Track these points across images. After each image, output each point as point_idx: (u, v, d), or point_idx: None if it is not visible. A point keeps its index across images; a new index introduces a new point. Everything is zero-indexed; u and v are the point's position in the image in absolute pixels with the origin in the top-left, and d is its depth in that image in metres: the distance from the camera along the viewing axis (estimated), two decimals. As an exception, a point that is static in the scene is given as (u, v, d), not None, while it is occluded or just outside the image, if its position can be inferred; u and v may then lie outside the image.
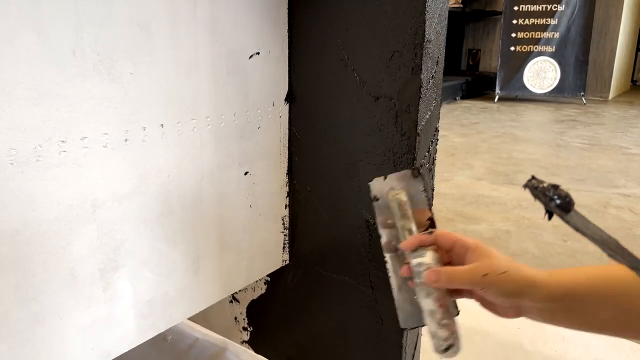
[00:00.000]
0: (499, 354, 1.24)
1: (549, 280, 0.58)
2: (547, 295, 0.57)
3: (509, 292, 0.58)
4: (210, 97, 0.72)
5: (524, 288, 0.57)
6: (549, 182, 0.51)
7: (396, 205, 0.63)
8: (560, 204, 0.50)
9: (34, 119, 0.53)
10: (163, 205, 0.69)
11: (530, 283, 0.58)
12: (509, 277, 0.57)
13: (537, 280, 0.58)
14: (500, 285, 0.58)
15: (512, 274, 0.58)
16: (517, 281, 0.58)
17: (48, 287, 0.57)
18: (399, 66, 0.74)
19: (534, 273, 0.59)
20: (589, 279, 0.58)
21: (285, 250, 0.96)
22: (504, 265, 0.58)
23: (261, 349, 1.10)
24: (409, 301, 0.65)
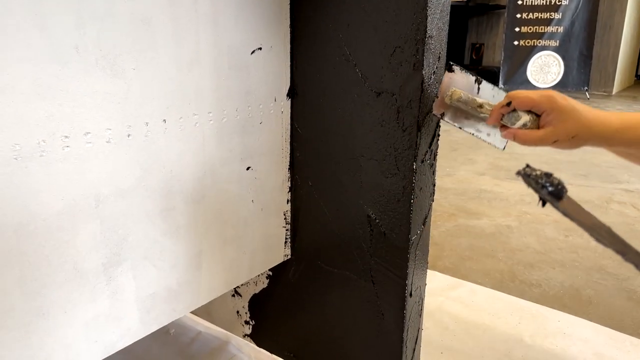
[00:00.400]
0: (500, 348, 1.24)
1: (617, 128, 0.66)
2: (611, 140, 0.66)
3: (578, 146, 0.67)
4: (212, 92, 0.72)
5: (592, 141, 0.66)
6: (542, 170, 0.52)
7: (459, 104, 0.72)
8: (552, 191, 0.52)
9: (38, 114, 0.53)
10: (165, 200, 0.69)
11: (598, 139, 0.66)
12: (578, 140, 0.66)
13: (605, 130, 0.66)
14: (572, 146, 0.67)
15: (580, 136, 0.66)
16: (586, 138, 0.66)
17: (52, 281, 0.58)
18: (400, 62, 0.74)
19: (603, 129, 0.66)
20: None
21: (287, 244, 0.96)
22: (575, 129, 0.66)
23: (263, 343, 1.10)
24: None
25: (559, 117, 0.66)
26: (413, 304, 0.85)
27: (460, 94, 0.71)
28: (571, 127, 0.66)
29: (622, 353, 1.24)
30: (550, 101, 0.66)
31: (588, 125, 0.66)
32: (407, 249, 0.80)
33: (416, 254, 0.82)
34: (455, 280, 1.63)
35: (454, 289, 1.56)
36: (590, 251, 2.06)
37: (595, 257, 1.99)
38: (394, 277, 0.82)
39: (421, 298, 0.88)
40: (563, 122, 0.66)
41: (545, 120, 0.67)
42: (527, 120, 0.66)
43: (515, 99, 0.67)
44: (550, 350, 1.25)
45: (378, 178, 0.81)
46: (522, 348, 1.24)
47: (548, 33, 7.10)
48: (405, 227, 0.79)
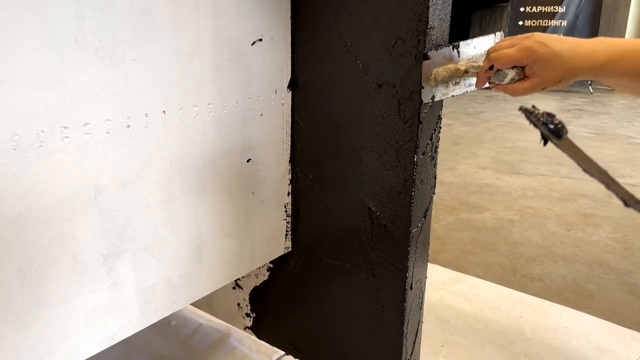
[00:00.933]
0: (501, 342, 1.24)
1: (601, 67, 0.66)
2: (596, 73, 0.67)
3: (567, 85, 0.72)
4: (212, 83, 0.72)
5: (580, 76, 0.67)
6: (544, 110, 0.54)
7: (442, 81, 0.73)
8: (553, 129, 0.53)
9: (37, 104, 0.53)
10: (165, 191, 0.69)
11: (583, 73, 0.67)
12: (565, 81, 0.67)
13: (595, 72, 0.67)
14: (560, 87, 0.69)
15: (567, 78, 0.67)
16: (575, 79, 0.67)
17: (52, 272, 0.58)
18: (402, 53, 0.73)
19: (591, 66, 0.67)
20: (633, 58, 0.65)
21: (287, 237, 0.96)
22: (560, 75, 0.67)
23: (263, 335, 1.11)
24: None
25: (543, 66, 0.66)
26: (413, 297, 0.85)
27: (443, 73, 0.72)
28: (557, 73, 0.66)
29: (623, 347, 1.24)
30: (530, 53, 0.66)
31: (573, 67, 0.66)
32: (407, 241, 0.80)
33: (417, 246, 0.82)
34: (457, 274, 1.62)
35: (455, 282, 1.56)
36: (592, 245, 2.06)
37: (597, 252, 1.99)
38: (394, 270, 0.82)
39: (422, 291, 0.88)
40: (547, 69, 0.66)
41: (530, 71, 0.68)
42: (514, 74, 0.68)
43: (496, 61, 0.68)
44: (551, 344, 1.25)
45: (379, 170, 0.80)
46: (523, 341, 1.24)
47: (552, 27, 7.06)
48: (405, 219, 0.79)
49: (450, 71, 0.72)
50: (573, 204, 2.59)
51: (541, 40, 0.66)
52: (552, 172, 3.17)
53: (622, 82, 0.69)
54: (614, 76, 0.68)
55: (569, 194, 2.73)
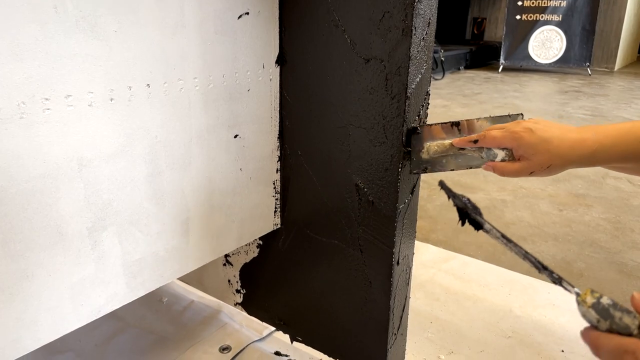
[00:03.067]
0: (489, 319, 1.26)
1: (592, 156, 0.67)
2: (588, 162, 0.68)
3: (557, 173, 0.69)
4: (197, 57, 0.71)
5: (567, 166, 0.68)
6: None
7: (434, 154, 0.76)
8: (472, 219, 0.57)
9: (16, 75, 0.52)
10: (151, 165, 0.69)
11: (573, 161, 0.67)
12: (554, 169, 0.68)
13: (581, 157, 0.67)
14: (549, 174, 0.69)
15: (555, 165, 0.68)
16: (561, 165, 0.68)
17: (36, 244, 0.58)
18: (389, 27, 0.73)
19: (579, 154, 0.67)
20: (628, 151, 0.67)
21: (276, 214, 0.96)
22: (548, 159, 0.67)
23: (254, 311, 1.12)
24: None
25: (529, 152, 0.67)
26: (400, 272, 0.85)
27: (435, 147, 0.75)
28: (544, 160, 0.67)
29: (610, 324, 1.26)
30: (515, 138, 0.68)
31: (561, 154, 0.67)
32: (394, 217, 0.80)
33: (404, 222, 0.82)
34: (448, 253, 1.64)
35: (446, 261, 1.57)
36: (583, 225, 2.07)
37: (588, 231, 2.00)
38: (381, 246, 0.83)
39: (409, 267, 0.89)
40: (534, 155, 0.67)
41: (518, 154, 0.69)
42: (504, 155, 0.70)
43: (481, 138, 0.70)
44: (539, 321, 1.27)
45: (366, 147, 0.80)
46: (511, 318, 1.26)
47: (551, 7, 7.00)
48: (392, 195, 0.79)
49: (443, 146, 0.74)
50: (566, 184, 2.60)
51: (529, 127, 0.67)
52: (547, 153, 3.17)
53: (619, 166, 0.70)
54: (608, 162, 0.68)
55: (563, 174, 2.74)
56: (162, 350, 1.10)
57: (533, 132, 0.67)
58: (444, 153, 0.75)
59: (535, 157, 0.67)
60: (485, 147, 0.71)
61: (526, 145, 0.67)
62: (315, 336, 1.01)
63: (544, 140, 0.67)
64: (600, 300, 0.47)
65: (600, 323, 0.47)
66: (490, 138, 0.69)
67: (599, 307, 0.47)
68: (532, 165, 0.68)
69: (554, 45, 7.19)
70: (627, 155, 0.67)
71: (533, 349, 1.14)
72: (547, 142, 0.67)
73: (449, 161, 0.76)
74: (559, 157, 0.67)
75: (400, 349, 0.94)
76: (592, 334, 0.48)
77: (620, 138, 0.67)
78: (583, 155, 0.67)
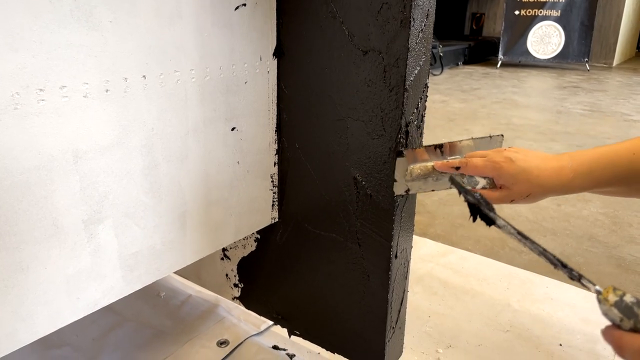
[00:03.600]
0: (487, 313, 1.26)
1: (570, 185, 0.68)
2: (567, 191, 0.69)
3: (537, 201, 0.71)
4: (194, 49, 0.70)
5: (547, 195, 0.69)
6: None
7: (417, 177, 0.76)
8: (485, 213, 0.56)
9: (10, 65, 0.52)
10: (147, 158, 0.68)
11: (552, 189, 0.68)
12: (532, 197, 0.69)
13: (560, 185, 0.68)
14: (529, 202, 0.71)
15: (535, 193, 0.68)
16: (540, 194, 0.69)
17: (31, 237, 0.57)
18: (387, 18, 0.72)
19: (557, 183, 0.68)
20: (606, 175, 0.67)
21: (274, 207, 0.96)
22: (528, 189, 0.68)
23: (252, 305, 1.11)
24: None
25: (509, 181, 0.68)
26: (398, 266, 0.85)
27: (418, 171, 0.76)
28: (524, 189, 0.68)
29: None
30: (496, 168, 0.69)
31: (540, 183, 0.68)
32: (392, 211, 0.80)
33: (402, 216, 0.82)
34: (446, 247, 1.63)
35: (444, 255, 1.57)
36: (582, 220, 2.07)
37: (586, 226, 2.00)
38: (379, 239, 0.83)
39: (407, 260, 0.89)
40: (514, 184, 0.68)
41: (499, 183, 0.70)
42: (485, 183, 0.71)
43: (462, 165, 0.71)
44: (537, 315, 1.27)
45: (364, 139, 0.80)
46: (509, 312, 1.26)
47: (549, 2, 6.99)
48: (391, 189, 0.79)
49: (426, 169, 0.75)
50: (565, 179, 2.60)
51: (509, 156, 0.69)
52: (545, 148, 3.18)
53: (599, 190, 0.71)
54: (585, 189, 0.69)
55: (561, 170, 2.74)
56: (159, 344, 1.10)
57: (513, 162, 0.68)
58: (426, 175, 0.76)
59: (516, 186, 0.69)
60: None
61: (506, 175, 0.68)
62: (313, 330, 1.01)
63: (524, 170, 0.68)
64: (623, 298, 0.46)
65: (623, 322, 0.45)
66: (472, 166, 0.71)
67: (622, 305, 0.45)
68: (512, 194, 0.69)
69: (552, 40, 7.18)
70: (602, 181, 0.68)
71: (531, 343, 1.14)
72: (527, 172, 0.68)
73: (430, 183, 0.76)
74: (539, 187, 0.68)
75: (398, 342, 0.94)
76: (615, 333, 0.46)
77: (594, 165, 0.67)
78: (561, 184, 0.68)
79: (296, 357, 1.06)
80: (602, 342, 1.16)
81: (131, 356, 1.06)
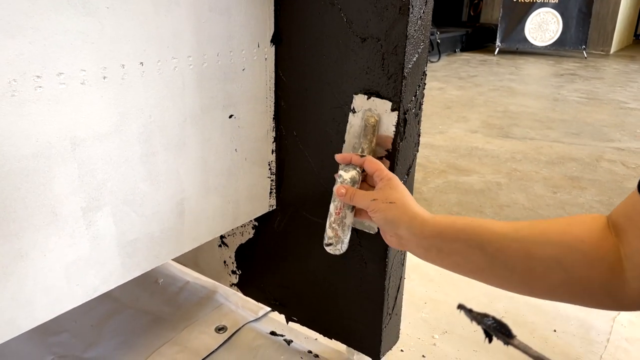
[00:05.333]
0: (482, 299, 1.27)
1: (427, 219, 0.65)
2: (420, 231, 0.64)
3: (389, 220, 0.67)
4: (191, 35, 0.70)
5: (403, 219, 0.66)
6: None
7: (364, 125, 0.76)
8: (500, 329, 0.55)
9: (7, 52, 0.51)
10: (145, 145, 0.68)
11: (410, 217, 0.66)
12: (394, 207, 0.67)
13: (418, 216, 0.66)
14: (385, 212, 0.67)
15: (397, 205, 0.67)
16: (400, 212, 0.66)
17: (30, 224, 0.58)
18: (386, 5, 0.72)
19: (418, 211, 0.67)
20: (464, 224, 0.62)
21: (272, 195, 0.96)
22: (395, 198, 0.67)
23: (249, 292, 1.12)
24: None
25: (391, 186, 0.69)
26: (395, 253, 0.86)
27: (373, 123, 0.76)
28: (395, 196, 0.68)
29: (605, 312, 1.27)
30: (392, 175, 0.71)
31: (405, 203, 0.67)
32: (390, 198, 0.80)
33: (399, 203, 0.82)
34: (442, 235, 1.64)
35: (440, 242, 1.58)
36: (577, 207, 2.08)
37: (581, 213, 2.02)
38: (376, 227, 0.83)
39: (404, 247, 0.89)
40: (392, 190, 0.69)
41: (378, 186, 0.70)
42: (349, 177, 0.73)
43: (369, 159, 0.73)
44: (532, 302, 1.28)
45: (362, 127, 0.80)
46: (504, 299, 1.27)
47: (548, -11, 6.95)
48: (388, 176, 0.79)
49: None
50: (561, 167, 2.61)
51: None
52: (541, 136, 3.18)
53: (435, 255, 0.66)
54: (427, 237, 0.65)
55: (558, 157, 2.75)
56: (158, 330, 1.10)
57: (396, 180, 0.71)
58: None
59: (388, 190, 0.69)
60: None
61: (390, 184, 0.70)
62: (311, 316, 1.02)
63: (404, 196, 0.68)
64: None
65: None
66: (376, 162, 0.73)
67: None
68: (378, 193, 0.69)
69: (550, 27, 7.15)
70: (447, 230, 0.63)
71: (526, 329, 1.15)
72: (405, 197, 0.68)
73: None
74: (403, 205, 0.67)
75: (394, 328, 0.95)
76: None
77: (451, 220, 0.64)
78: (416, 218, 0.65)
79: (293, 342, 1.08)
80: (596, 328, 1.18)
81: (129, 342, 1.07)
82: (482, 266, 0.60)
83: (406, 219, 0.66)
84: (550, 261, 0.53)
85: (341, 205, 0.74)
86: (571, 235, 0.53)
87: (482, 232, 0.60)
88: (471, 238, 0.60)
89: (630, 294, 0.50)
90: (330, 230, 0.76)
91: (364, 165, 0.73)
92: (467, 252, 0.60)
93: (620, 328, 1.18)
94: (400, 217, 0.66)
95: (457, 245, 0.61)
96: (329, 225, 0.76)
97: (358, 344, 0.95)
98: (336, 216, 0.75)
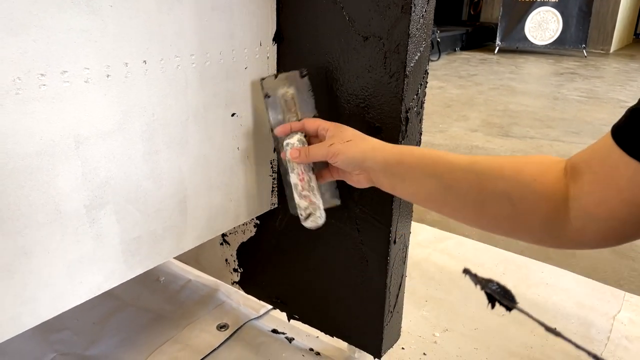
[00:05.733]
0: (483, 297, 1.27)
1: (386, 146, 0.67)
2: (384, 158, 0.65)
3: (351, 157, 0.68)
4: (194, 34, 0.70)
5: (366, 152, 0.67)
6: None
7: (284, 101, 0.77)
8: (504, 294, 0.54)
9: (11, 50, 0.52)
10: (148, 143, 0.68)
11: (372, 148, 0.67)
12: (352, 144, 0.68)
13: (377, 146, 0.67)
14: (345, 152, 0.67)
15: (356, 141, 0.68)
16: (361, 146, 0.67)
17: (33, 221, 0.58)
18: (388, 4, 0.72)
19: (376, 142, 0.68)
20: (422, 154, 0.63)
21: (274, 193, 0.96)
22: (350, 136, 0.69)
23: (251, 290, 1.12)
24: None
25: (339, 129, 0.71)
26: (397, 251, 0.86)
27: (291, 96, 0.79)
28: (348, 134, 0.69)
29: (603, 303, 1.28)
30: (335, 123, 0.73)
31: (361, 136, 0.69)
32: (391, 196, 0.80)
33: (400, 201, 0.83)
34: (443, 233, 1.65)
35: (441, 241, 1.59)
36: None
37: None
38: (378, 224, 0.83)
39: (405, 245, 0.89)
40: (342, 132, 0.70)
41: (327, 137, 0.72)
42: (297, 141, 0.73)
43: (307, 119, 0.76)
44: (532, 299, 1.28)
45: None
46: (504, 297, 1.27)
47: (547, -16, 6.94)
48: (390, 174, 0.79)
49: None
50: (561, 166, 2.60)
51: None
52: (542, 135, 3.18)
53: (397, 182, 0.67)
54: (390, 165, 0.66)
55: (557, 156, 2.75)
56: (159, 328, 1.11)
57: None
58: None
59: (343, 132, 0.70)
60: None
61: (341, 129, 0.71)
62: (312, 314, 1.02)
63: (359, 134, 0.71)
64: None
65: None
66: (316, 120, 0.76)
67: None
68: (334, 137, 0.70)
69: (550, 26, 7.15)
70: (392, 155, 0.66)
71: (526, 327, 1.16)
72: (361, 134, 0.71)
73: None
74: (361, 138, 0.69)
75: (396, 326, 0.95)
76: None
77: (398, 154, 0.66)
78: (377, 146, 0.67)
79: (295, 340, 1.08)
80: (596, 326, 1.18)
81: (131, 340, 1.07)
82: (436, 195, 0.61)
83: (369, 150, 0.67)
84: (501, 195, 0.55)
85: (301, 169, 0.74)
86: (525, 173, 0.54)
87: (440, 161, 0.61)
88: (429, 166, 0.61)
89: (569, 234, 0.51)
90: (303, 200, 0.75)
91: (305, 126, 0.75)
92: (423, 181, 0.62)
93: (621, 326, 1.18)
94: (362, 150, 0.67)
95: (415, 173, 0.63)
96: (298, 196, 0.75)
97: (359, 341, 0.96)
98: (302, 183, 0.74)
